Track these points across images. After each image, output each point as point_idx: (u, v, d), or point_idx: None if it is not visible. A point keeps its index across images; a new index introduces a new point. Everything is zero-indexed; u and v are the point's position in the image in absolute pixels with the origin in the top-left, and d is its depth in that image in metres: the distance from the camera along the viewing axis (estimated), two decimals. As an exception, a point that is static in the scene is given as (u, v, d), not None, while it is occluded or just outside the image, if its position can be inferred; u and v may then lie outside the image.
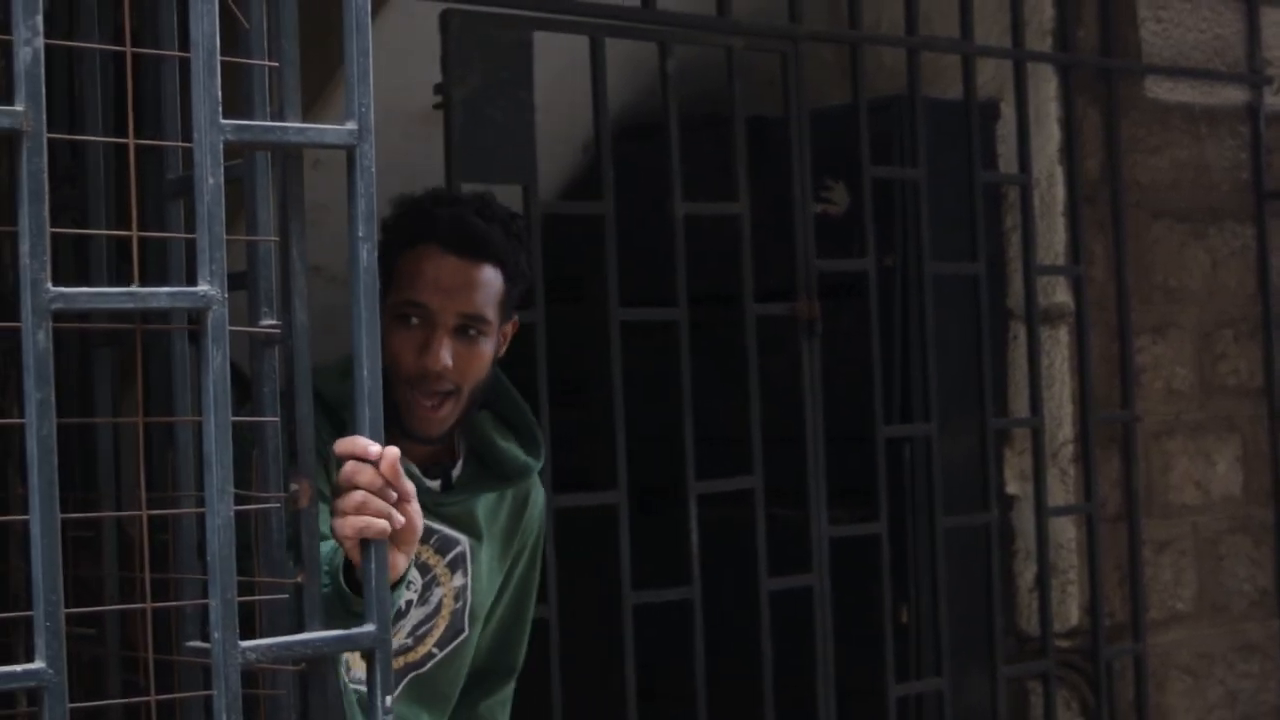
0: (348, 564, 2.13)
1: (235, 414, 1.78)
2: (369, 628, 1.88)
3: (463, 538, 2.80)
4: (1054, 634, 4.35)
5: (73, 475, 2.31)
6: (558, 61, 3.82)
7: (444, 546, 2.78)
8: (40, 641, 1.64)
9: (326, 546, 2.10)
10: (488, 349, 2.70)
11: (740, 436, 3.84)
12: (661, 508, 3.90)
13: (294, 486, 1.92)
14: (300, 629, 1.92)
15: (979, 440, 4.23)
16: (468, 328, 2.67)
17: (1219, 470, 4.77)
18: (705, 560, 3.72)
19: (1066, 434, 4.49)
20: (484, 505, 2.83)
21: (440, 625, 2.82)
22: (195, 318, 1.79)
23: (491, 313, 2.69)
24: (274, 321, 1.93)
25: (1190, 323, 4.74)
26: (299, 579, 1.91)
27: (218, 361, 1.77)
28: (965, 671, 4.23)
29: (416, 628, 2.79)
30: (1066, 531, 4.49)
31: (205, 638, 1.80)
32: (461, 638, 2.84)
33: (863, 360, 4.03)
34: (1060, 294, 4.52)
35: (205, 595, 1.79)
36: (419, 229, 2.73)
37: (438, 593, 2.80)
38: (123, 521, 2.30)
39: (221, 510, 1.76)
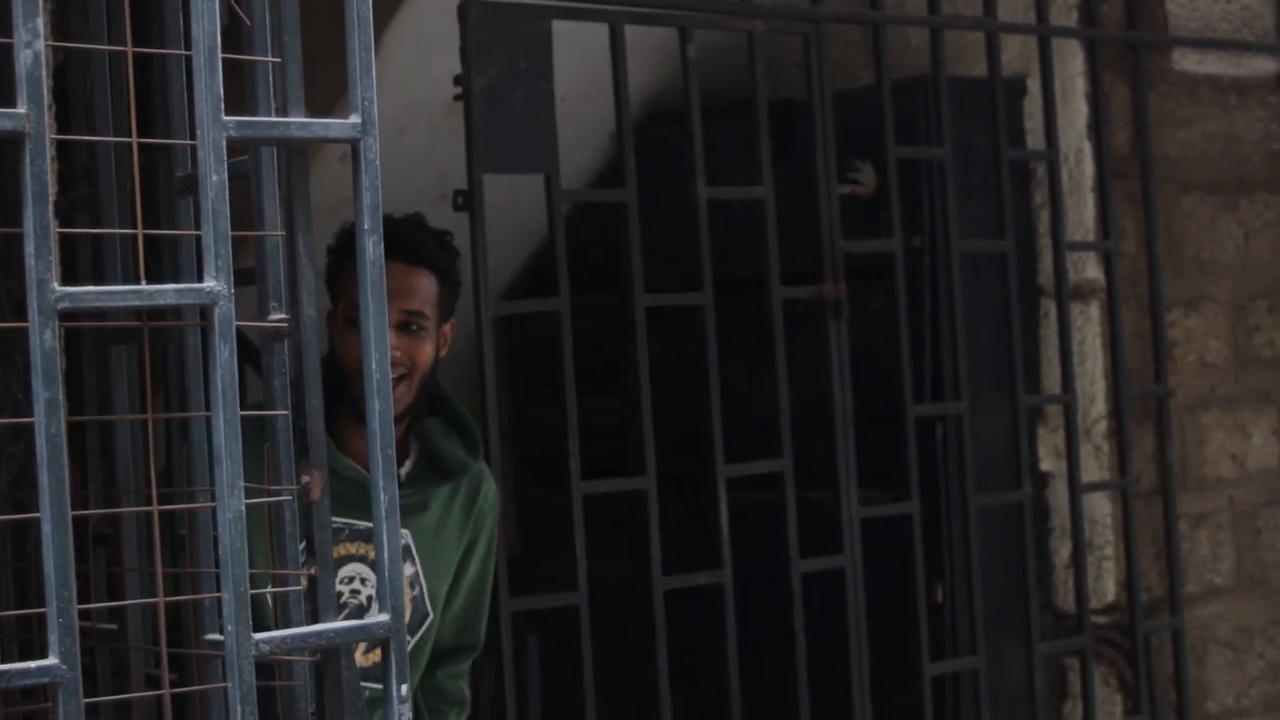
0: None
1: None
2: (382, 618, 1.89)
3: (404, 531, 3.04)
4: (1091, 610, 4.34)
5: (83, 470, 2.33)
6: (590, 51, 3.82)
7: None
8: (53, 638, 1.65)
9: None
10: (429, 343, 3.05)
11: (770, 419, 3.84)
12: (693, 492, 3.90)
13: (305, 479, 1.93)
14: (315, 620, 1.93)
15: (1011, 418, 4.22)
16: (409, 323, 3.02)
17: (1254, 443, 4.74)
18: (737, 544, 3.73)
19: (1100, 410, 4.48)
20: (438, 500, 3.13)
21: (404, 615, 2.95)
22: (203, 313, 1.81)
23: (430, 310, 3.05)
24: (282, 315, 1.94)
25: (1223, 295, 4.71)
26: (311, 571, 1.93)
27: (225, 356, 1.78)
28: (1001, 650, 4.22)
29: None
30: (1102, 507, 4.47)
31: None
32: (429, 622, 3.13)
33: (893, 341, 4.02)
34: (1091, 269, 4.49)
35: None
36: None
37: None
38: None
39: (232, 504, 1.78)
